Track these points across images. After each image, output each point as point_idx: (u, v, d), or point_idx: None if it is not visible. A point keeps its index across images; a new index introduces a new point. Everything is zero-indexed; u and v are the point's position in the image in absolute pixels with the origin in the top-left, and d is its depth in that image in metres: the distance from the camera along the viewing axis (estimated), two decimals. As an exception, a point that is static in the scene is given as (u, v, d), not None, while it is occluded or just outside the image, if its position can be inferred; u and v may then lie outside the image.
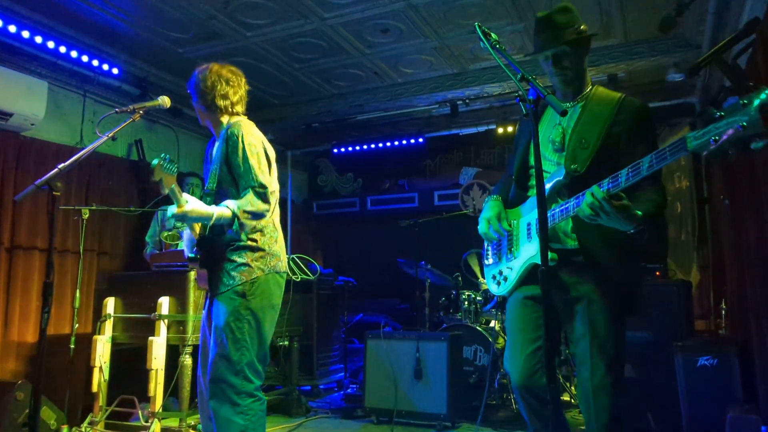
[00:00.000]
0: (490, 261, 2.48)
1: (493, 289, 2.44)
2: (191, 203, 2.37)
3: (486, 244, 2.53)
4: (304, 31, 4.73)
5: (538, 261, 2.10)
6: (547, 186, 2.16)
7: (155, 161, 2.26)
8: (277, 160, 2.77)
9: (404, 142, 7.21)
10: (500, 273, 2.39)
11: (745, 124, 1.51)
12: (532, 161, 2.28)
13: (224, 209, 2.41)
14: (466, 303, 5.01)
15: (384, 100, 6.01)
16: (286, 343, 4.93)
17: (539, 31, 2.27)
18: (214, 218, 2.40)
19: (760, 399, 3.11)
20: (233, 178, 2.55)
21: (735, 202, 3.88)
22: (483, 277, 3.13)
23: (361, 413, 4.54)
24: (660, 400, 3.74)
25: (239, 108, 2.71)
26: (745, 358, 3.34)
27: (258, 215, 2.48)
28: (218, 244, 2.57)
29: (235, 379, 2.42)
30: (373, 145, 7.38)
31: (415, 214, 6.56)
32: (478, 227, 2.42)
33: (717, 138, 1.56)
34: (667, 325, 3.84)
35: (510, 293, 2.35)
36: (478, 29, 1.96)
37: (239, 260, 2.51)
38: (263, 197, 2.50)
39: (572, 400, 4.67)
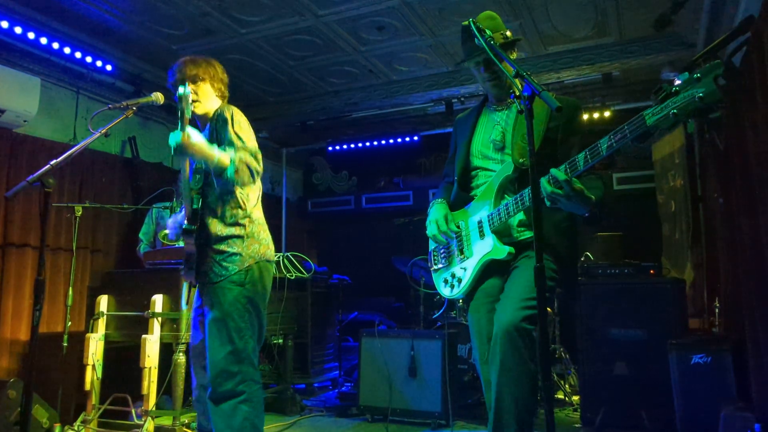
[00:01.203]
0: (439, 266, 2.47)
1: (446, 292, 2.43)
2: (195, 137, 2.26)
3: (431, 250, 2.54)
4: (298, 29, 4.71)
5: (495, 256, 2.21)
6: (496, 182, 2.25)
7: (181, 90, 2.26)
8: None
9: (399, 140, 7.21)
10: (453, 276, 2.39)
11: (701, 94, 1.59)
12: (475, 162, 2.37)
13: (224, 154, 2.33)
14: (460, 301, 5.01)
15: (379, 97, 6.00)
16: (281, 341, 4.92)
17: (467, 39, 2.30)
18: (216, 160, 2.30)
19: (754, 397, 3.12)
20: None
21: (729, 201, 3.89)
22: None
23: (356, 411, 4.54)
24: (654, 398, 3.75)
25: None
26: (739, 356, 3.35)
27: (251, 172, 2.39)
28: (205, 226, 2.51)
29: (241, 367, 2.41)
30: (368, 143, 7.38)
31: (410, 212, 6.56)
32: (427, 230, 2.44)
33: (676, 113, 1.64)
34: (661, 323, 3.85)
35: (466, 294, 2.34)
36: (472, 25, 1.97)
37: (230, 250, 2.49)
38: (256, 159, 2.44)
39: (566, 398, 4.68)
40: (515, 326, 2.02)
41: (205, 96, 2.64)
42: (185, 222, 2.51)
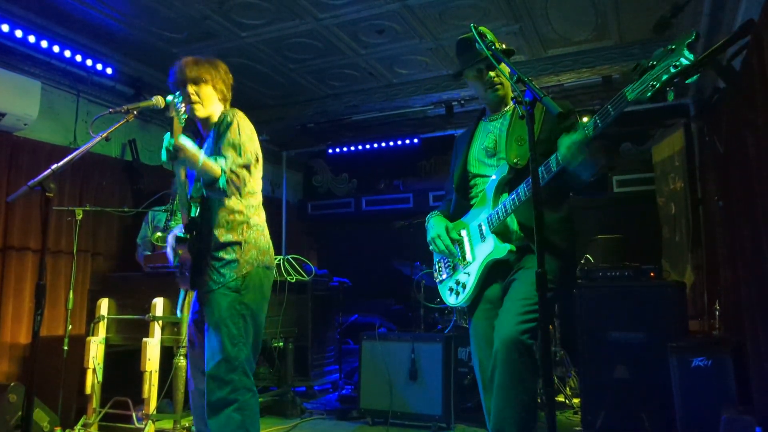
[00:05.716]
0: (444, 276, 2.49)
1: (451, 301, 2.44)
2: (188, 143, 2.29)
3: (436, 262, 2.57)
4: (299, 32, 4.72)
5: (496, 256, 2.23)
6: (491, 186, 2.28)
7: (170, 98, 2.28)
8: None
9: (399, 142, 7.21)
10: (457, 283, 2.40)
11: (677, 62, 1.72)
12: (472, 170, 2.41)
13: (215, 164, 2.35)
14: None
15: (379, 100, 6.01)
16: (281, 344, 4.92)
17: (465, 50, 2.33)
18: (201, 162, 2.31)
19: (755, 400, 3.12)
20: None
21: (729, 204, 3.90)
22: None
23: (356, 414, 4.54)
24: (654, 401, 3.75)
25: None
26: (739, 359, 3.35)
27: (238, 185, 2.42)
28: (205, 233, 2.51)
29: (233, 376, 2.40)
30: (368, 146, 7.38)
31: (410, 215, 6.53)
32: (432, 247, 2.47)
33: (655, 83, 1.75)
34: (661, 326, 3.85)
35: (470, 301, 2.35)
36: (473, 30, 1.97)
37: (227, 257, 2.48)
38: (249, 170, 2.47)
39: (566, 401, 4.68)
40: (514, 341, 2.02)
41: (207, 98, 2.60)
42: (181, 230, 2.52)
